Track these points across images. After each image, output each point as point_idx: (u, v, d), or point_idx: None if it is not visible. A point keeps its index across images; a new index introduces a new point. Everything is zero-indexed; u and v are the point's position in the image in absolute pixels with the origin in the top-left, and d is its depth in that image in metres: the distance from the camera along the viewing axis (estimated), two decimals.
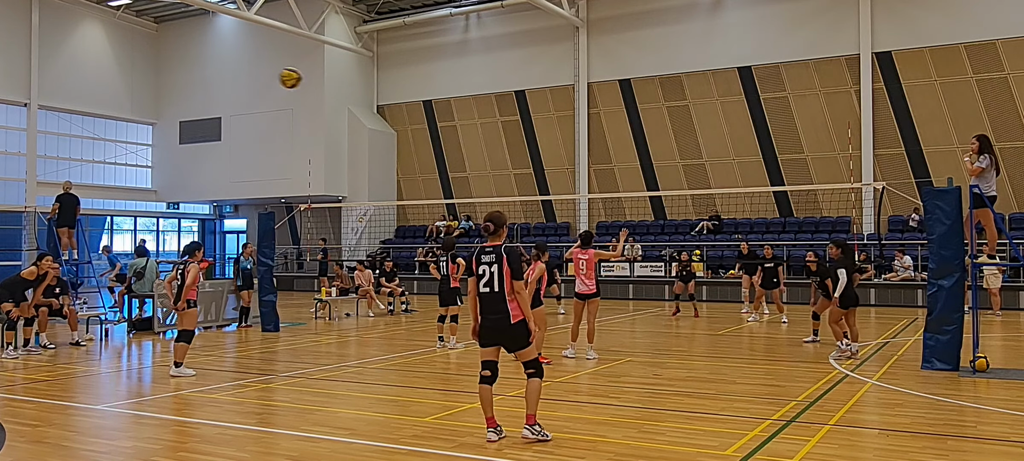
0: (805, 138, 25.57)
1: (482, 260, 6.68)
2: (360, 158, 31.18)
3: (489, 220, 6.77)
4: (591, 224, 28.89)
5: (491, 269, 6.61)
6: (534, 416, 6.56)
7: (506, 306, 6.55)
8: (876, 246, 22.43)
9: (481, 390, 6.60)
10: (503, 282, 6.57)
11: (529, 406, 6.56)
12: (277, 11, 28.04)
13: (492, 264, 6.62)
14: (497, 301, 6.57)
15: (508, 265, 6.58)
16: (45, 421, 7.66)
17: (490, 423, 6.56)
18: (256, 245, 16.48)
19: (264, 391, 9.20)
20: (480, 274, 6.67)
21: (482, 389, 6.60)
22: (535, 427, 6.53)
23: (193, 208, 35.91)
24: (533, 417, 6.55)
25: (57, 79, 29.77)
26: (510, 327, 6.55)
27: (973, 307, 10.49)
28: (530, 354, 6.61)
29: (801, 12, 25.62)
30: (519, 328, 6.56)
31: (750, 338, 14.40)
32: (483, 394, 6.59)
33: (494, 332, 6.61)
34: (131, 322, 15.31)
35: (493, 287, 6.59)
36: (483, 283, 6.64)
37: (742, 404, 8.19)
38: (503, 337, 6.59)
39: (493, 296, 6.59)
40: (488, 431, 6.55)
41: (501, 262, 6.59)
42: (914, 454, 6.21)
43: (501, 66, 30.23)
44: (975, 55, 23.47)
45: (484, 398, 6.59)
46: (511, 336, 6.58)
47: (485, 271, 6.64)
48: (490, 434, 6.54)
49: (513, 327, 6.55)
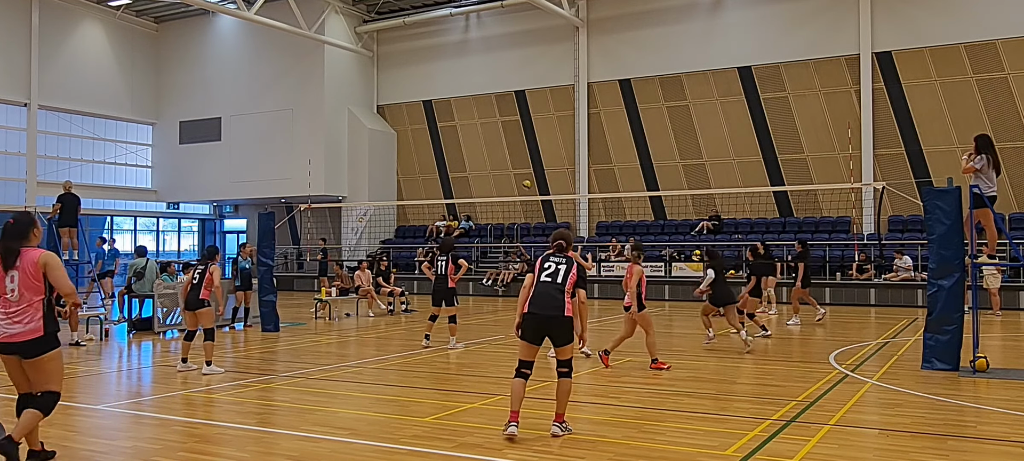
0: (805, 138, 25.57)
1: (549, 261, 7.03)
2: (360, 158, 31.18)
3: (561, 238, 7.20)
4: (591, 224, 28.91)
5: (559, 266, 6.95)
6: (563, 414, 6.83)
7: (564, 299, 6.79)
8: (876, 246, 22.43)
9: (515, 384, 6.76)
10: (567, 278, 6.87)
11: (560, 405, 6.81)
12: (277, 11, 28.04)
13: (561, 264, 6.97)
14: (557, 292, 6.80)
15: (577, 272, 6.99)
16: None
17: (514, 417, 6.65)
18: (256, 245, 16.48)
19: (264, 391, 9.20)
20: (545, 267, 6.96)
21: (516, 383, 6.77)
22: (564, 424, 6.79)
23: (193, 208, 35.92)
24: (562, 416, 6.82)
25: (57, 79, 29.78)
26: (563, 318, 6.76)
27: (973, 307, 10.49)
28: (570, 352, 6.84)
29: (801, 12, 25.62)
30: (570, 323, 6.83)
31: (750, 338, 14.36)
32: (516, 388, 6.75)
33: (546, 324, 6.76)
34: (131, 322, 15.31)
35: (556, 279, 6.87)
36: (546, 274, 6.92)
37: (742, 404, 8.19)
38: (553, 328, 6.75)
39: (555, 287, 6.83)
40: (511, 425, 6.61)
41: (570, 267, 6.94)
42: (914, 454, 6.21)
43: (501, 66, 30.23)
44: (975, 55, 23.47)
45: (516, 392, 6.73)
46: (562, 329, 6.77)
47: (552, 265, 6.97)
48: (512, 428, 6.60)
49: (566, 320, 6.78)
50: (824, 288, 22.54)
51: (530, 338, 6.79)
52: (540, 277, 6.92)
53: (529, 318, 6.79)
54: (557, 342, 6.80)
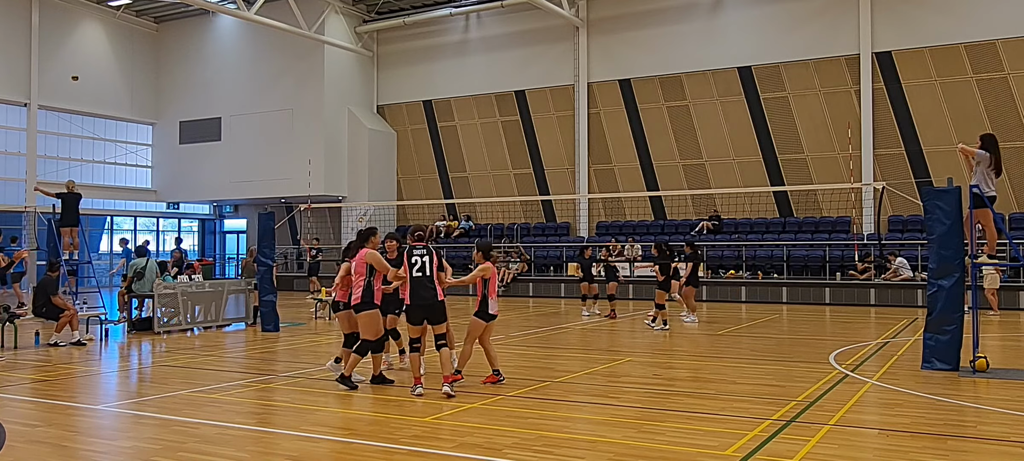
0: (805, 138, 25.58)
1: (414, 253, 8.66)
2: (360, 158, 31.18)
3: (419, 229, 8.88)
4: (591, 224, 28.91)
5: (422, 260, 8.63)
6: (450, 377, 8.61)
7: (435, 287, 8.60)
8: (876, 246, 22.43)
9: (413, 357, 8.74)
10: (433, 269, 8.65)
11: (444, 368, 8.62)
12: (277, 11, 28.04)
13: (423, 256, 8.65)
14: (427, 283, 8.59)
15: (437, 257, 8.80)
16: (45, 421, 7.66)
17: (418, 381, 8.62)
18: (256, 245, 16.48)
19: (264, 391, 9.20)
20: (413, 263, 8.62)
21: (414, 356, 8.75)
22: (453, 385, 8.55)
23: (193, 208, 35.92)
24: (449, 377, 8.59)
25: (57, 79, 29.77)
26: (437, 303, 8.63)
27: (973, 307, 10.49)
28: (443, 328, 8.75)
29: (801, 12, 25.62)
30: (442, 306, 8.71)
31: (750, 338, 14.40)
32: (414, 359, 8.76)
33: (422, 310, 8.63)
34: (131, 322, 15.31)
35: (425, 271, 8.59)
36: (416, 270, 8.59)
37: (742, 404, 8.19)
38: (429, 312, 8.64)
39: (424, 279, 8.58)
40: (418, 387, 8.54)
41: (431, 256, 8.71)
42: (914, 454, 6.21)
43: (501, 66, 30.23)
44: (975, 55, 23.47)
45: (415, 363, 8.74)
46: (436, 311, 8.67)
47: (417, 261, 8.63)
48: (419, 389, 8.54)
49: (439, 304, 8.65)
50: (824, 288, 22.57)
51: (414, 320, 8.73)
52: (412, 273, 8.61)
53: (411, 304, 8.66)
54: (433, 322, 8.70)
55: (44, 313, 13.17)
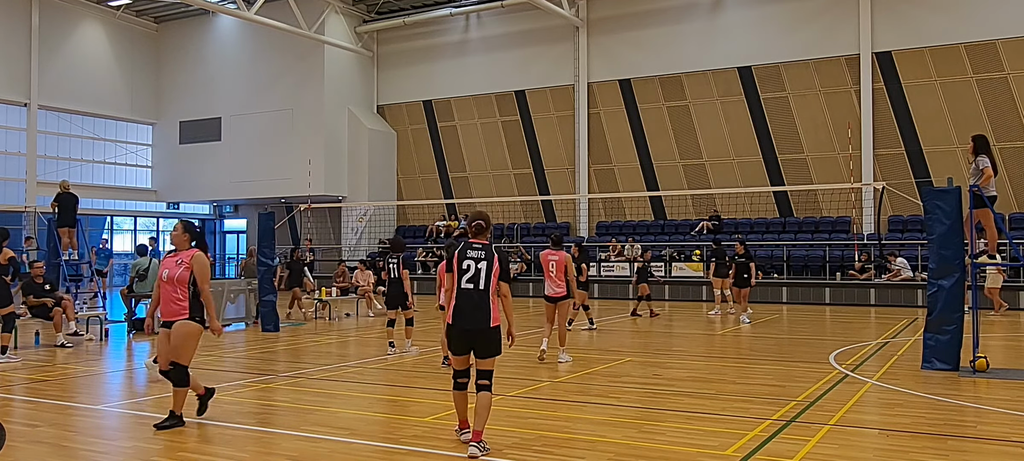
0: (805, 138, 25.57)
1: (467, 256, 6.32)
2: (360, 158, 31.18)
3: (479, 218, 6.50)
4: (591, 224, 28.90)
5: (478, 265, 6.28)
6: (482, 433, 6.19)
7: (489, 306, 6.23)
8: (876, 246, 22.43)
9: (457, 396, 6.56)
10: (490, 280, 6.27)
11: (479, 422, 6.18)
12: (277, 11, 28.04)
13: (480, 261, 6.28)
14: (482, 298, 6.23)
15: (499, 264, 6.34)
16: (44, 421, 7.66)
17: (464, 425, 6.55)
18: (256, 245, 16.48)
19: (264, 391, 9.19)
20: (464, 269, 6.29)
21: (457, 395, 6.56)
22: (482, 444, 6.12)
23: (193, 208, 35.90)
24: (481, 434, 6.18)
25: (57, 79, 29.77)
26: (489, 329, 6.23)
27: (973, 307, 10.48)
28: (493, 364, 6.30)
29: (801, 12, 25.61)
30: (496, 333, 6.29)
31: (750, 338, 14.40)
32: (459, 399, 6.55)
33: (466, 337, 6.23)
34: (131, 322, 15.31)
35: (478, 284, 6.23)
36: (467, 279, 6.26)
37: (742, 404, 8.19)
38: (478, 341, 6.22)
39: (478, 293, 6.22)
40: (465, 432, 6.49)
41: (491, 260, 6.32)
42: (914, 454, 6.21)
43: (501, 66, 30.23)
44: (975, 55, 23.47)
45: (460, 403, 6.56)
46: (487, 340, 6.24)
47: (470, 267, 6.28)
48: (466, 434, 6.45)
49: (492, 331, 6.25)
50: (824, 288, 22.56)
51: (458, 350, 6.37)
52: (462, 282, 6.27)
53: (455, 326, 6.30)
54: (480, 355, 6.26)
55: (37, 314, 13.18)
